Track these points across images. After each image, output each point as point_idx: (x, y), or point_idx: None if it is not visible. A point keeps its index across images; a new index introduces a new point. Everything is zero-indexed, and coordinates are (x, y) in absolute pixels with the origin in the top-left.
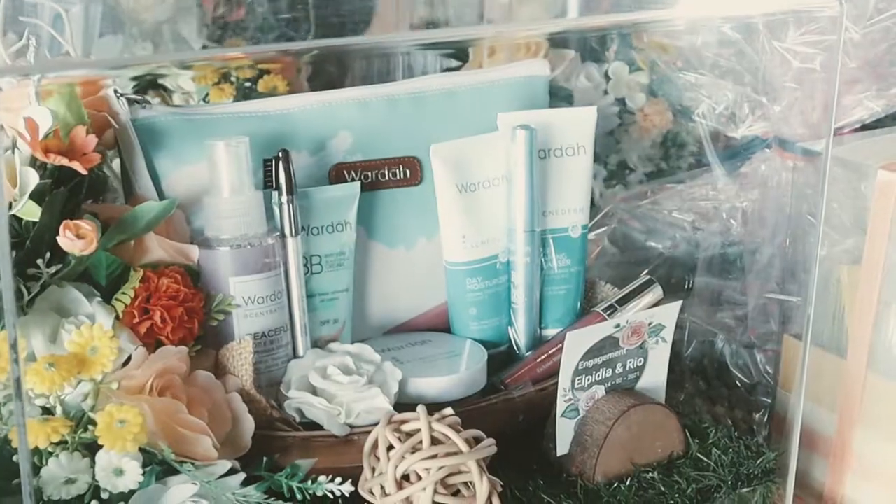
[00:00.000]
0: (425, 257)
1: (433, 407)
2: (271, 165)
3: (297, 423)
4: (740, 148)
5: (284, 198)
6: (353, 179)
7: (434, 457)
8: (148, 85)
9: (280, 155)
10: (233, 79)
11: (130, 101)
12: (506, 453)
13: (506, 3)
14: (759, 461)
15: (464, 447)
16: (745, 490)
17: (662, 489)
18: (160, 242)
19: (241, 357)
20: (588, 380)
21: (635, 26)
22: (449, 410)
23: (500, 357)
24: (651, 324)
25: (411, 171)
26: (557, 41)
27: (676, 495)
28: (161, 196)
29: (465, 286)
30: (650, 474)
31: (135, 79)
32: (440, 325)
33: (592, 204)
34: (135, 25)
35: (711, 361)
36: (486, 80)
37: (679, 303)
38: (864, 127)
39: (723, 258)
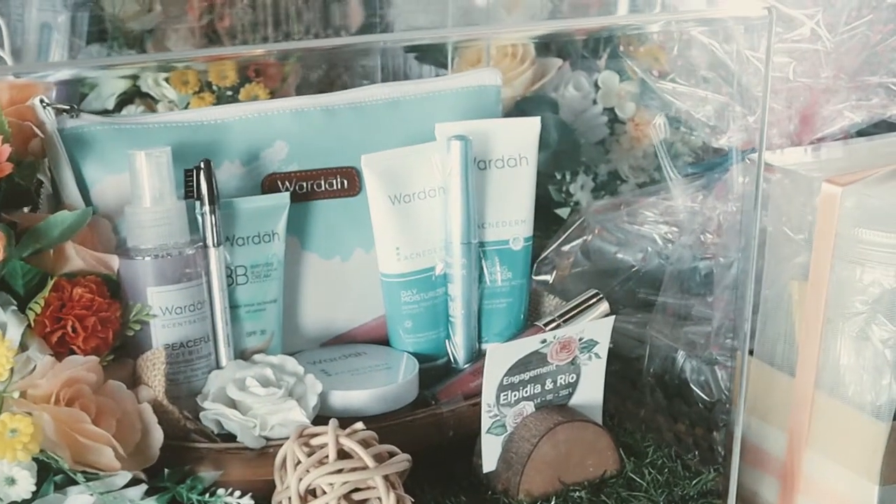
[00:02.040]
0: (362, 268)
1: (356, 420)
2: (192, 176)
3: (214, 434)
4: (718, 160)
5: (206, 208)
6: (287, 190)
7: (340, 471)
8: (134, 94)
9: (201, 165)
10: (214, 88)
11: (58, 111)
12: (435, 469)
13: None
14: (695, 482)
15: (370, 462)
16: None
17: None
18: (79, 252)
19: (153, 367)
20: (515, 395)
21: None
22: (360, 425)
23: (438, 371)
24: (582, 339)
25: (349, 181)
26: (546, 49)
27: None
28: (89, 205)
29: (400, 298)
30: (578, 493)
31: (121, 95)
32: (380, 337)
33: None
34: (121, 35)
35: (672, 378)
36: (432, 89)
37: (612, 318)
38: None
39: (693, 272)
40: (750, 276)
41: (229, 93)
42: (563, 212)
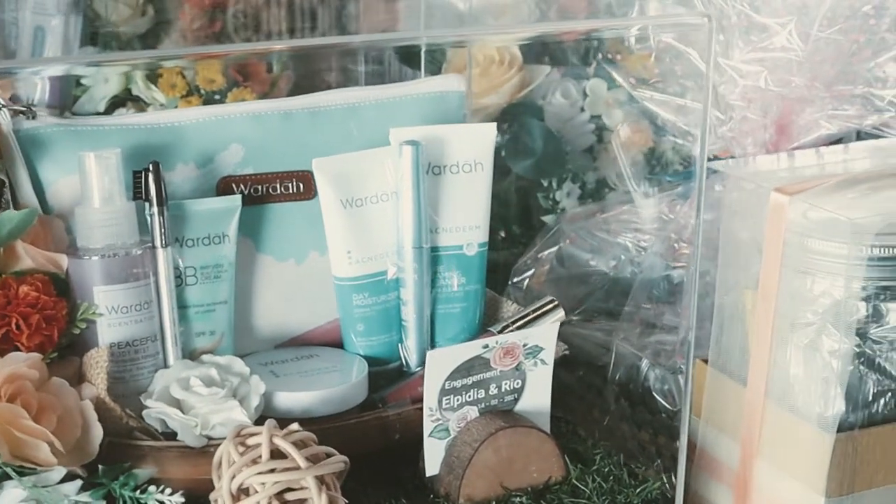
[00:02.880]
0: (317, 271)
1: (303, 422)
2: (141, 177)
3: (158, 432)
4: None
5: (155, 209)
6: (241, 192)
7: (272, 471)
8: (126, 97)
9: (150, 167)
10: (202, 91)
11: (14, 112)
12: (382, 472)
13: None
14: (638, 490)
15: (302, 462)
16: None
17: None
18: (28, 251)
19: (96, 365)
20: (457, 400)
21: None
22: (295, 426)
23: (390, 374)
24: (526, 345)
25: (304, 185)
26: (535, 56)
27: None
28: (44, 206)
29: (352, 302)
30: (520, 499)
31: (113, 98)
32: (335, 339)
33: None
34: (114, 38)
35: (637, 386)
36: (393, 95)
37: (557, 325)
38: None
39: (662, 281)
40: (693, 284)
41: (217, 97)
42: (551, 219)
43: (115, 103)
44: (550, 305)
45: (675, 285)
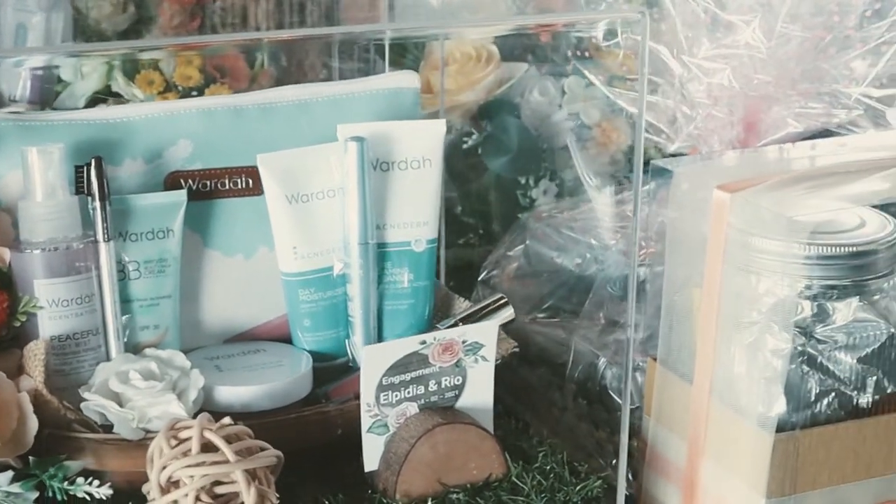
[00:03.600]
0: (266, 267)
1: (243, 416)
2: (83, 171)
3: (97, 425)
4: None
5: (97, 203)
6: (189, 188)
7: (201, 464)
8: (107, 94)
9: (92, 161)
10: (179, 88)
11: None
12: (325, 467)
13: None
14: (578, 488)
15: (231, 456)
16: None
17: None
18: None
19: (34, 358)
20: (396, 396)
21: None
22: (227, 420)
23: (337, 370)
24: (465, 341)
25: (254, 180)
26: (513, 54)
27: None
28: None
29: (299, 297)
30: (456, 496)
31: (97, 93)
32: (284, 335)
33: None
34: (95, 35)
35: (594, 384)
36: (345, 91)
37: (496, 322)
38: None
39: (624, 279)
40: (631, 281)
41: (194, 93)
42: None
43: (96, 100)
44: (499, 303)
45: (638, 283)
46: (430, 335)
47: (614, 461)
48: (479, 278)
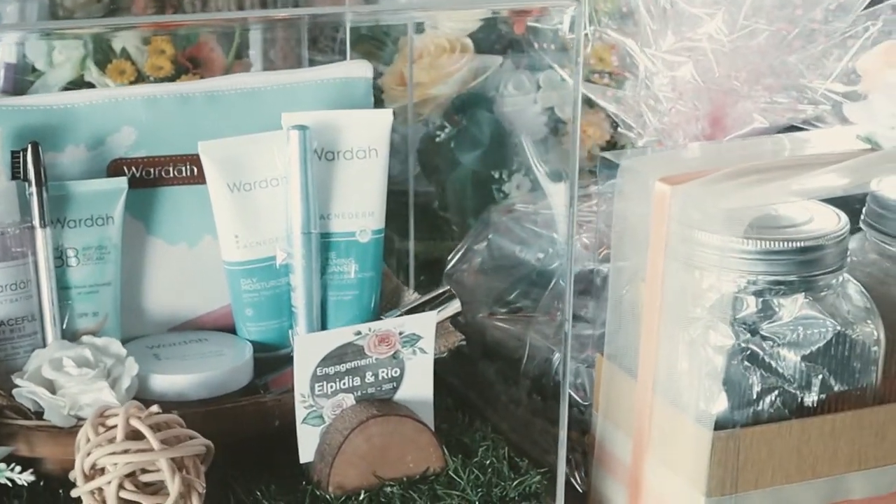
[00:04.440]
0: (211, 255)
1: (178, 405)
2: (19, 157)
3: (31, 412)
4: None
5: (33, 189)
6: (133, 175)
7: (126, 451)
8: (80, 83)
9: (28, 147)
10: (151, 78)
11: None
12: (263, 457)
13: None
14: (516, 483)
15: (156, 444)
16: None
17: None
18: None
19: None
20: (331, 387)
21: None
22: (155, 408)
23: (280, 360)
24: (402, 333)
25: (199, 169)
26: (488, 46)
27: None
28: None
29: (241, 286)
30: (391, 489)
31: (71, 83)
32: (230, 324)
33: None
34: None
35: (549, 380)
36: (295, 80)
37: (434, 313)
38: None
39: (586, 274)
40: (569, 274)
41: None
42: None
43: (69, 89)
44: (446, 295)
45: (600, 279)
46: (366, 326)
47: (569, 457)
48: (445, 272)
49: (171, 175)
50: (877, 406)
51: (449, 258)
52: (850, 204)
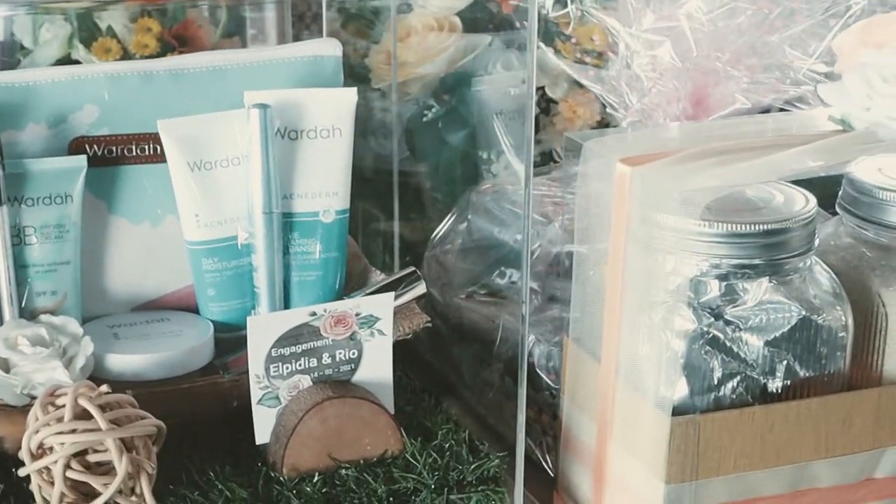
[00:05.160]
0: (174, 235)
1: (134, 385)
2: None
3: None
4: None
5: None
6: (94, 153)
7: (73, 431)
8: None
9: None
10: (136, 56)
11: None
12: (221, 438)
13: None
14: (473, 467)
15: (103, 424)
16: (455, 496)
17: (353, 487)
18: None
19: None
20: (287, 368)
21: None
22: (105, 388)
23: (242, 341)
24: (359, 314)
25: (162, 147)
26: (474, 26)
27: (365, 496)
28: None
29: (202, 266)
30: (346, 471)
31: (59, 61)
32: (193, 304)
33: None
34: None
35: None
36: (263, 58)
37: (391, 294)
38: None
39: (561, 256)
40: (525, 255)
41: None
42: None
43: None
44: (411, 277)
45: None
46: (321, 307)
47: (541, 440)
48: (426, 253)
49: (134, 154)
50: (843, 392)
51: (431, 239)
52: (829, 186)
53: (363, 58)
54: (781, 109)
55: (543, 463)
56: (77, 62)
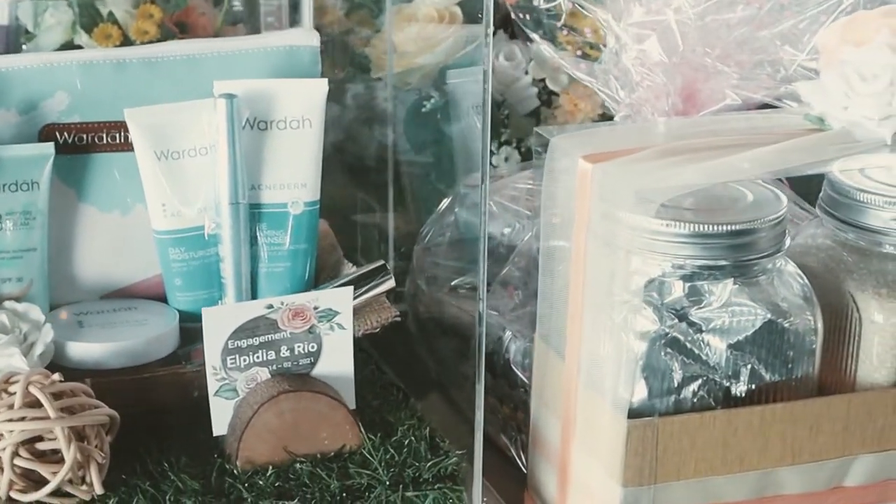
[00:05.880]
0: (144, 223)
1: (95, 373)
2: None
3: None
4: None
5: None
6: (65, 141)
7: (22, 419)
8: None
9: None
10: (136, 43)
11: None
12: (182, 429)
13: None
14: (429, 464)
15: (52, 413)
16: (411, 494)
17: (306, 482)
18: None
19: None
20: (244, 360)
21: None
22: (57, 376)
23: None
24: (318, 308)
25: None
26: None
27: (318, 490)
28: None
29: (169, 255)
30: (301, 465)
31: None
32: (162, 293)
33: None
34: None
35: (499, 358)
36: (238, 47)
37: (350, 289)
38: None
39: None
40: (482, 250)
41: None
42: None
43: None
44: (380, 271)
45: None
46: (278, 299)
47: (516, 438)
48: (416, 246)
49: (105, 142)
50: (811, 398)
51: (421, 231)
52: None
53: (364, 47)
54: (767, 106)
55: (518, 461)
56: (81, 48)
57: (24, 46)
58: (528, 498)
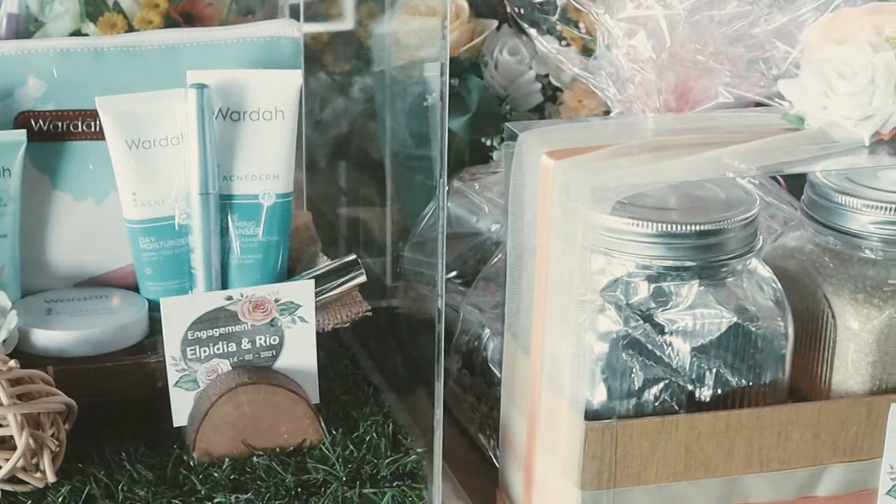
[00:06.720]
0: (118, 212)
1: (59, 361)
2: None
3: None
4: None
5: None
6: (40, 128)
7: None
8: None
9: None
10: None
11: None
12: (144, 418)
13: None
14: (388, 461)
15: (4, 399)
16: (368, 490)
17: (262, 475)
18: None
19: None
20: (205, 351)
21: None
22: (14, 363)
23: None
24: (279, 301)
25: None
26: (486, 10)
27: (273, 485)
28: None
29: (140, 245)
30: (258, 458)
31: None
32: (135, 282)
33: None
34: None
35: (478, 356)
36: (218, 37)
37: (311, 282)
38: None
39: None
40: (440, 245)
41: None
42: None
43: None
44: (351, 265)
45: None
46: (238, 291)
47: (492, 437)
48: (410, 241)
49: (80, 130)
50: (779, 405)
51: (414, 226)
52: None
53: (368, 39)
54: (762, 104)
55: (494, 460)
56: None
57: (34, 35)
58: (500, 498)
